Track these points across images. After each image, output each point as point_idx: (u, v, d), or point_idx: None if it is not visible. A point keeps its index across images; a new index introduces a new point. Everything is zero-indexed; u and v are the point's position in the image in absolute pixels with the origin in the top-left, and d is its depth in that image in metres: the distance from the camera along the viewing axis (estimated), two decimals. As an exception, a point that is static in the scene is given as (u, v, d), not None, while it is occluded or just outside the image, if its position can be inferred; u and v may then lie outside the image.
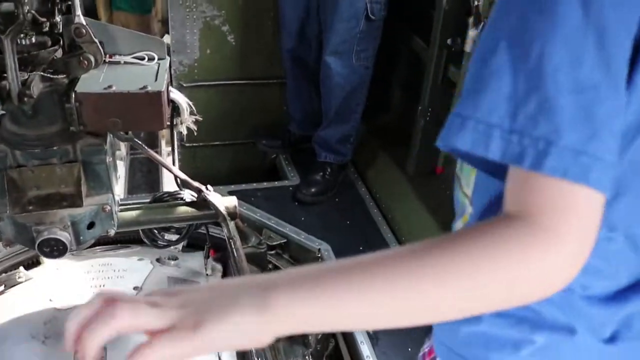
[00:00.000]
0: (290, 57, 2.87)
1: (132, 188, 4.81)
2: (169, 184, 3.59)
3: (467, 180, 0.86)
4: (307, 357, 2.07)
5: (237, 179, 3.06)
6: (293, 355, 2.08)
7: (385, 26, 2.75)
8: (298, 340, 2.09)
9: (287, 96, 3.07)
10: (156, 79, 1.39)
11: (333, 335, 2.25)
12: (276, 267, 2.61)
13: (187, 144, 3.27)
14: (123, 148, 5.21)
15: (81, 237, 1.46)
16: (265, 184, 3.00)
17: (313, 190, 2.90)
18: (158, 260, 2.20)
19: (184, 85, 3.07)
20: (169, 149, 3.54)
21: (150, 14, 5.00)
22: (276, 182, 3.04)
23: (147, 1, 4.95)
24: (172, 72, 3.08)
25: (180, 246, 2.49)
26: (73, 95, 1.32)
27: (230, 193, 2.86)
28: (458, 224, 0.91)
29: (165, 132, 4.20)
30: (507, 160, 0.61)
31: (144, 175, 4.99)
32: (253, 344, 0.64)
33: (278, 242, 2.64)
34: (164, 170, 4.36)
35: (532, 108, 0.59)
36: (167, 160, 3.92)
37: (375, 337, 2.27)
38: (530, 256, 0.61)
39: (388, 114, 3.43)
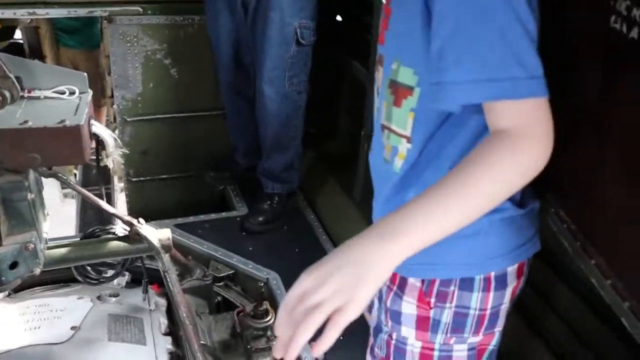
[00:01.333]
0: (228, 89, 2.87)
1: (83, 225, 4.72)
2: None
3: (403, 125, 1.10)
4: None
5: (186, 212, 3.02)
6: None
7: (327, 52, 2.78)
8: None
9: (229, 128, 3.06)
10: (75, 113, 1.37)
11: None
12: (225, 299, 2.58)
13: (134, 179, 3.24)
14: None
15: (3, 278, 1.42)
16: (212, 216, 2.97)
17: (260, 219, 2.88)
18: (99, 297, 2.15)
19: (128, 119, 3.06)
20: (122, 184, 3.51)
21: (98, 49, 4.98)
22: (223, 213, 3.02)
23: (95, 37, 4.93)
24: (116, 107, 3.07)
25: (124, 283, 2.45)
26: (-13, 133, 1.29)
27: (177, 226, 2.84)
28: (397, 162, 1.14)
29: (117, 169, 4.17)
30: (496, 98, 0.90)
31: (96, 213, 4.91)
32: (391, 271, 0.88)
33: (226, 274, 2.62)
34: (119, 203, 4.30)
35: (499, 64, 0.88)
36: (120, 196, 3.90)
37: None
38: (518, 157, 0.90)
39: (334, 139, 3.46)
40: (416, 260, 0.93)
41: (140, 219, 1.66)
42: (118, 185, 3.93)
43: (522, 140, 0.90)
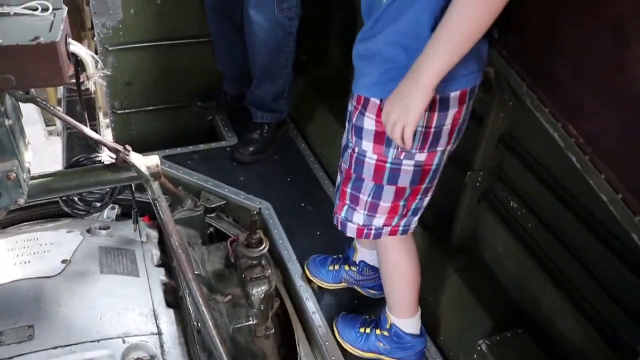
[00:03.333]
0: (214, 13, 2.75)
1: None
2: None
3: None
4: (251, 318, 2.02)
5: (174, 144, 2.96)
6: (236, 317, 2.03)
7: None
8: (240, 303, 2.03)
9: (216, 55, 2.95)
10: (50, 30, 1.27)
11: (278, 295, 2.21)
12: (217, 230, 2.55)
13: (119, 111, 3.14)
14: (59, 122, 5.03)
15: (-16, 208, 1.35)
16: (201, 146, 2.90)
17: (251, 149, 2.82)
18: (88, 231, 2.10)
19: (110, 48, 2.93)
20: (107, 120, 3.40)
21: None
22: (213, 144, 2.95)
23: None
24: (96, 35, 2.93)
25: (113, 215, 2.40)
26: (-45, 52, 1.19)
27: (166, 157, 2.77)
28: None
29: (102, 104, 4.04)
30: None
31: (82, 150, 4.82)
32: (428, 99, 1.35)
33: (217, 204, 2.57)
34: (105, 134, 4.20)
35: None
36: (106, 132, 3.79)
37: (320, 294, 2.24)
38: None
39: (326, 66, 3.35)
40: (374, 81, 1.46)
41: (127, 146, 1.58)
42: (103, 120, 3.83)
43: None
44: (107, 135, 3.61)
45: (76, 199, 1.75)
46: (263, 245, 2.00)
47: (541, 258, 1.87)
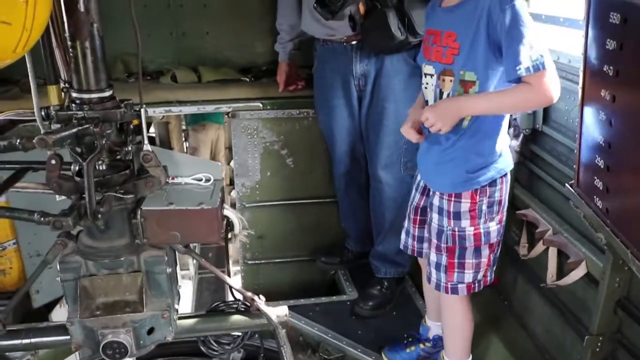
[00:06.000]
0: (342, 179, 3.02)
1: (199, 306, 4.98)
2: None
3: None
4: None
5: (298, 295, 3.15)
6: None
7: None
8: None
9: (342, 216, 3.19)
10: (211, 197, 1.56)
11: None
12: (334, 381, 2.63)
13: (250, 262, 3.41)
14: (192, 267, 5.46)
15: (141, 342, 1.58)
16: (323, 299, 3.07)
17: (371, 304, 2.94)
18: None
19: (246, 205, 3.27)
20: (237, 268, 3.69)
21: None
22: (334, 297, 3.11)
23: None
24: (236, 193, 3.30)
25: (238, 359, 2.57)
26: (139, 212, 1.50)
27: (290, 308, 2.93)
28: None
29: (232, 252, 4.41)
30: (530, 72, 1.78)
31: (211, 294, 5.18)
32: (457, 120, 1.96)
33: (335, 356, 2.68)
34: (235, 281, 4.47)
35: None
36: (234, 278, 4.09)
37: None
38: (532, 97, 1.84)
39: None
40: (462, 180, 2.05)
41: (261, 296, 1.79)
42: (232, 269, 4.14)
43: (533, 87, 1.80)
44: (234, 281, 3.88)
45: (212, 339, 1.96)
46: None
47: None
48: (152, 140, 5.50)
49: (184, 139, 5.90)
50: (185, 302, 4.87)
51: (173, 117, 5.19)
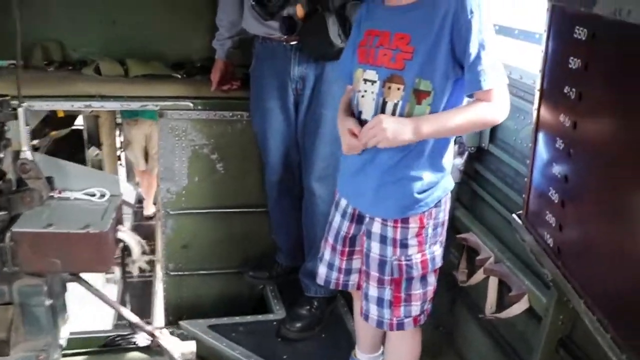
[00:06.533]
0: (275, 188, 2.82)
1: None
2: (161, 310, 3.44)
3: (423, 114, 1.76)
4: None
5: (223, 309, 2.96)
6: None
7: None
8: None
9: (274, 227, 2.99)
10: (102, 218, 1.30)
11: None
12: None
13: (173, 273, 3.16)
14: (117, 271, 5.15)
15: (9, 391, 1.31)
16: (248, 318, 2.84)
17: (299, 325, 2.73)
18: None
19: (171, 212, 3.02)
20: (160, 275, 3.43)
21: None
22: (260, 316, 2.89)
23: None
24: (160, 199, 3.05)
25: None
26: (7, 235, 1.23)
27: (211, 327, 2.72)
28: None
29: (161, 258, 4.12)
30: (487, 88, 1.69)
31: (137, 300, 4.88)
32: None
33: (256, 384, 2.46)
34: (158, 295, 4.20)
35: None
36: (160, 286, 3.80)
37: None
38: (493, 114, 1.73)
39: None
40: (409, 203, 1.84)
41: (164, 330, 1.55)
42: (159, 274, 3.87)
43: (492, 104, 1.70)
44: (160, 290, 3.61)
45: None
46: None
47: None
48: (79, 134, 5.14)
49: (118, 132, 5.56)
50: (108, 309, 4.56)
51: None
